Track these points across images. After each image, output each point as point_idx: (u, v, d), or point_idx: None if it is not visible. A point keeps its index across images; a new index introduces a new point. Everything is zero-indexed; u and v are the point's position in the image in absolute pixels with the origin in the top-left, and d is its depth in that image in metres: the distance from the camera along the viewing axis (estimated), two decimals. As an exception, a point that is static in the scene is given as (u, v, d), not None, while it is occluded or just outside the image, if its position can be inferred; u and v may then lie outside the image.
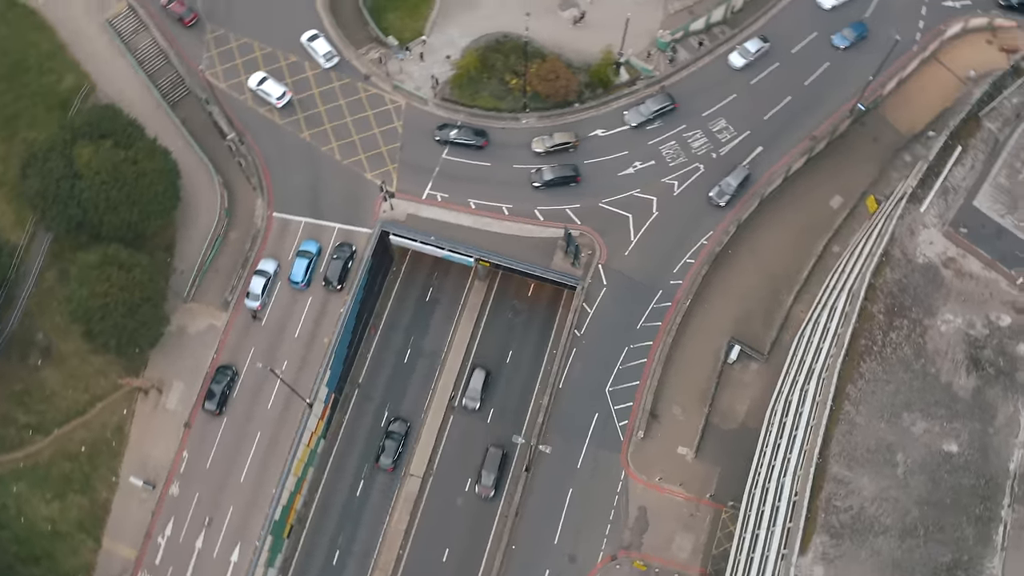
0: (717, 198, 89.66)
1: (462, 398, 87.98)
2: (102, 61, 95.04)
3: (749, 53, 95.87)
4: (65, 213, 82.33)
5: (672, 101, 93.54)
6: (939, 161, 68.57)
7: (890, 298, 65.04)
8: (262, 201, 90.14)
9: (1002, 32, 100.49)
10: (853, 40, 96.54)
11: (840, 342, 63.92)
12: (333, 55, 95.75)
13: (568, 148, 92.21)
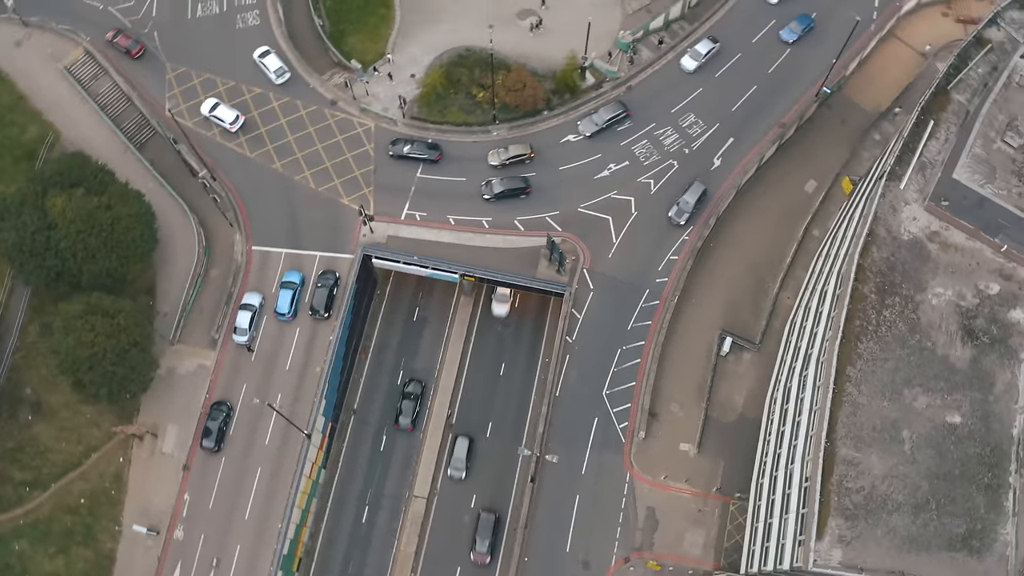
0: (676, 217, 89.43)
1: (447, 468, 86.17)
2: (64, 109, 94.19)
3: (700, 55, 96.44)
4: (43, 265, 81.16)
5: (625, 109, 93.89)
6: (914, 137, 69.31)
7: (880, 277, 65.64)
8: (240, 236, 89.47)
9: (956, 3, 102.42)
10: (800, 33, 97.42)
11: (835, 325, 64.38)
12: (284, 71, 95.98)
13: (524, 159, 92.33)
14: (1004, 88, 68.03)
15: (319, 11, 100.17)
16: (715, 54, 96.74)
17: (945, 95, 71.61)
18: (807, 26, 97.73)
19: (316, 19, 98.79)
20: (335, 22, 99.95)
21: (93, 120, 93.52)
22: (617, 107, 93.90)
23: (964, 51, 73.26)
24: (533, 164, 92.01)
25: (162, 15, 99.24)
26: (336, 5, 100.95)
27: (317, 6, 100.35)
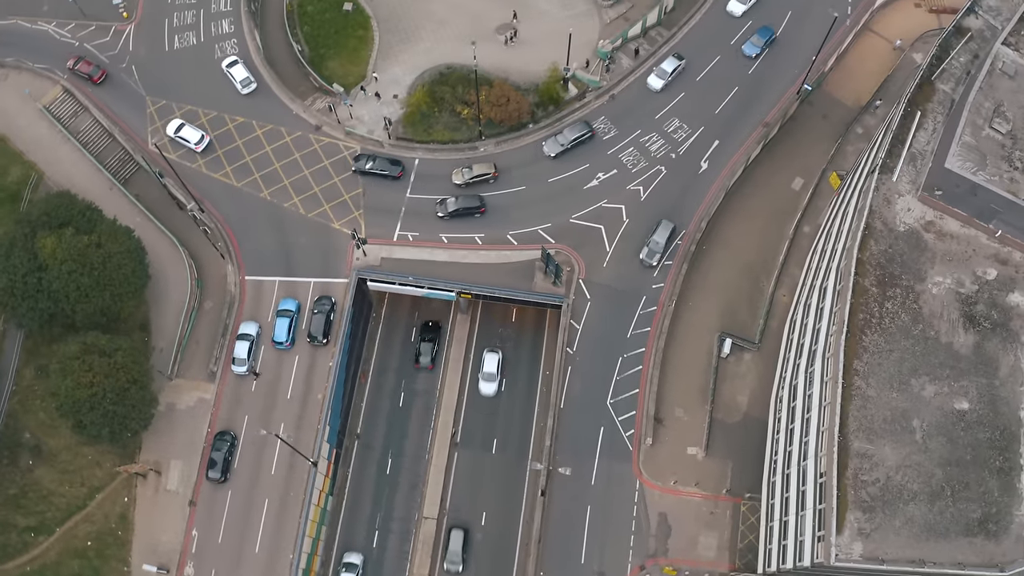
0: (648, 259, 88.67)
1: (443, 562, 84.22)
2: (46, 149, 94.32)
3: (666, 74, 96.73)
4: (36, 308, 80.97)
5: (590, 129, 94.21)
6: (902, 129, 70.37)
7: (879, 269, 66.53)
8: (232, 267, 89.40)
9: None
10: (762, 47, 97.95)
11: (839, 319, 65.12)
12: (250, 81, 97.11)
13: (487, 179, 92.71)
14: (988, 75, 69.21)
15: (297, 37, 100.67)
16: (682, 71, 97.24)
17: (930, 85, 72.81)
18: (769, 38, 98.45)
19: (295, 45, 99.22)
20: (314, 47, 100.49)
21: (76, 158, 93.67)
22: (582, 127, 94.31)
23: (945, 41, 74.47)
24: (523, 178, 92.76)
25: (139, 49, 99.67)
26: (314, 30, 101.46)
27: (295, 32, 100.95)
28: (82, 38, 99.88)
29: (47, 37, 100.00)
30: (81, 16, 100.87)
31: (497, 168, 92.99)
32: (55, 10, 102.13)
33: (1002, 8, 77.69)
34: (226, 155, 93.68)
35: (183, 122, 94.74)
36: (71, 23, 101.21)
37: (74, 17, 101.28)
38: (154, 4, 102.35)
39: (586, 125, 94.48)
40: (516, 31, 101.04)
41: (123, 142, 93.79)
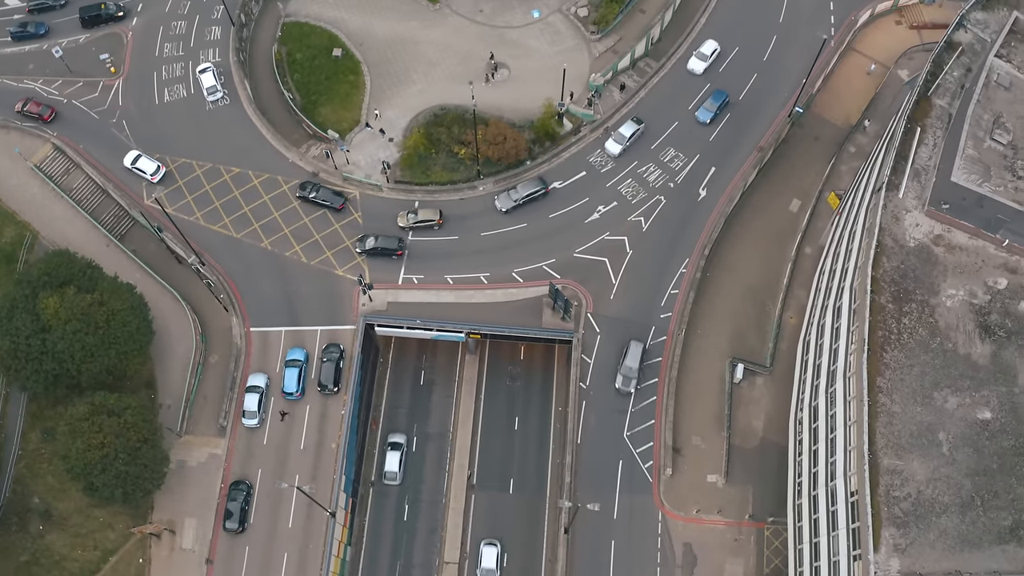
0: (624, 386, 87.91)
1: None
2: (39, 207, 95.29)
3: (624, 139, 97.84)
4: (40, 370, 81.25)
5: (544, 186, 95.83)
6: (904, 146, 73.43)
7: (894, 286, 69.11)
8: (237, 319, 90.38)
9: (907, 11, 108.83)
10: (716, 111, 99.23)
11: (859, 337, 67.45)
12: (216, 89, 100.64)
13: (432, 225, 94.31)
14: (985, 88, 72.68)
15: (287, 85, 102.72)
16: (639, 136, 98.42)
17: (927, 101, 76.08)
18: (723, 102, 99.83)
19: (286, 93, 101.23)
20: (305, 94, 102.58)
21: (70, 216, 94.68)
22: (537, 183, 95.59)
23: (938, 56, 77.96)
24: (524, 215, 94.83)
25: (128, 103, 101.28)
26: (304, 77, 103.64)
27: (285, 80, 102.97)
28: (70, 95, 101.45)
29: (34, 95, 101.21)
30: (68, 73, 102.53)
31: (443, 216, 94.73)
32: (41, 68, 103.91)
33: (989, 21, 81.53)
34: (224, 207, 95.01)
35: (139, 153, 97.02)
36: (58, 80, 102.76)
37: (61, 74, 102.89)
38: (142, 58, 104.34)
39: (540, 181, 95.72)
40: (496, 69, 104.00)
41: (117, 198, 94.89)
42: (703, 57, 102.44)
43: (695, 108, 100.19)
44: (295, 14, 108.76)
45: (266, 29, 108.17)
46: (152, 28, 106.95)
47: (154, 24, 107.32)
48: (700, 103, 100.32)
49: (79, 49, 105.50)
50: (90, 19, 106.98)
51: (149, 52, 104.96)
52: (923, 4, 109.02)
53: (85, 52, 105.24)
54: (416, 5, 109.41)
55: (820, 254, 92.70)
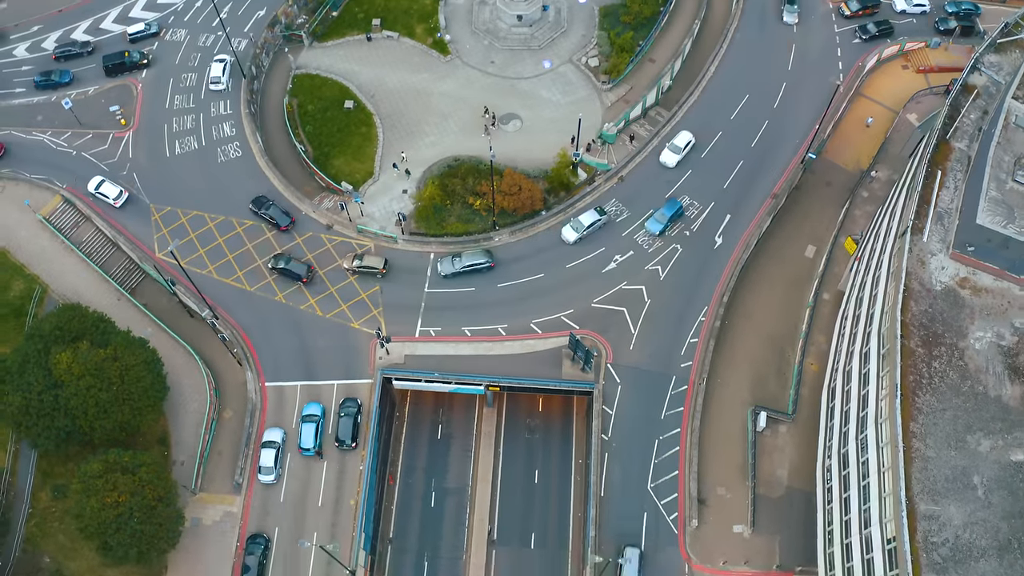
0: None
1: None
2: (48, 261, 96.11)
3: (582, 226, 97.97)
4: (53, 426, 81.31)
5: (490, 259, 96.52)
6: (926, 189, 76.05)
7: (922, 330, 71.02)
8: (251, 373, 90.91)
9: (913, 55, 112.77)
10: (666, 223, 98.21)
11: (891, 382, 69.18)
12: (219, 80, 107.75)
13: (375, 273, 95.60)
14: (1004, 130, 75.68)
15: (299, 137, 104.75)
16: (601, 224, 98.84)
17: (946, 144, 78.78)
18: (675, 212, 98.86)
19: (298, 145, 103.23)
20: (317, 146, 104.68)
21: (80, 269, 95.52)
22: (482, 255, 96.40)
23: (954, 100, 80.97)
24: (541, 266, 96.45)
25: (139, 156, 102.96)
26: (316, 129, 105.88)
27: (297, 132, 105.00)
28: (79, 147, 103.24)
29: (43, 147, 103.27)
30: (77, 125, 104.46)
31: (388, 265, 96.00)
32: (50, 120, 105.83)
33: (1003, 63, 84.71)
34: (237, 259, 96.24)
35: (104, 179, 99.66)
36: (67, 132, 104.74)
37: (70, 126, 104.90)
38: (153, 110, 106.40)
39: (487, 254, 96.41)
40: (494, 121, 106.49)
41: (128, 251, 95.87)
42: (676, 150, 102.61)
43: (647, 218, 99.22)
44: (306, 66, 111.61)
45: (277, 81, 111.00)
46: (162, 80, 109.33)
47: (164, 76, 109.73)
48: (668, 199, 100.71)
49: (89, 101, 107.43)
50: (113, 67, 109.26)
51: (159, 104, 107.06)
52: (929, 48, 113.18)
53: (95, 104, 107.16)
54: (427, 57, 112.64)
55: (838, 300, 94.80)
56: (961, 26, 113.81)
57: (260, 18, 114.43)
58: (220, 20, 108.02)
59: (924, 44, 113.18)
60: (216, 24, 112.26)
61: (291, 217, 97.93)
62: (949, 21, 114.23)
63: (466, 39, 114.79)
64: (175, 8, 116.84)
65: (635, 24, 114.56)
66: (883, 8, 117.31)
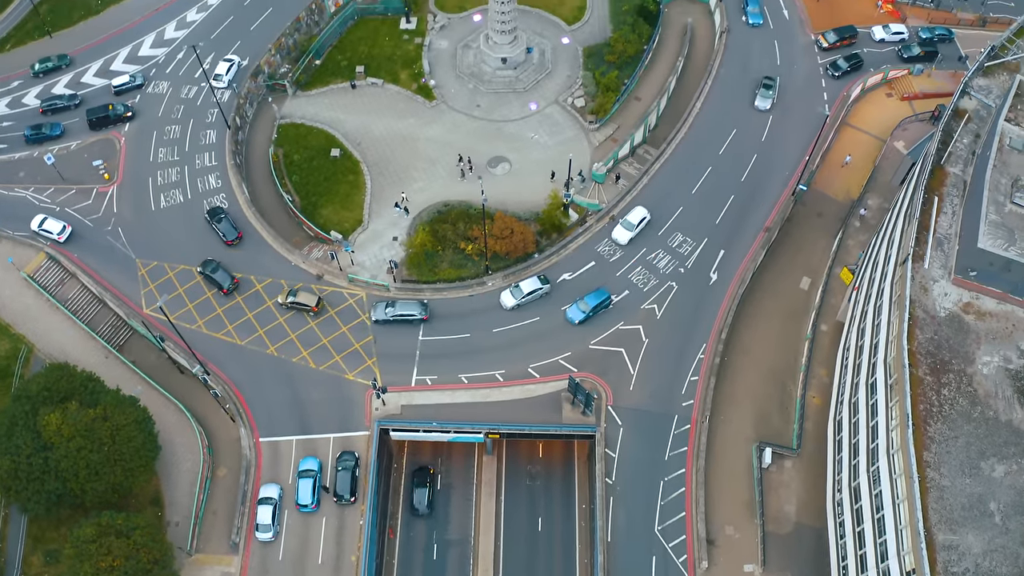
0: None
1: None
2: (34, 319, 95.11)
3: (521, 293, 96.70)
4: (43, 490, 79.74)
5: (424, 311, 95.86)
6: (924, 215, 76.65)
7: (929, 358, 71.26)
8: (245, 429, 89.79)
9: (897, 83, 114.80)
10: (589, 312, 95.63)
11: (901, 413, 69.25)
12: (221, 78, 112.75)
13: (307, 311, 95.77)
14: (999, 152, 76.66)
15: (286, 187, 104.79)
16: (542, 295, 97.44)
17: (940, 170, 79.72)
18: (601, 302, 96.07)
19: (285, 195, 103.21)
20: (305, 196, 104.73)
21: (66, 327, 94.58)
22: (416, 307, 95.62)
23: (946, 125, 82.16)
24: (537, 309, 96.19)
25: (124, 210, 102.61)
26: (303, 179, 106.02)
27: (284, 182, 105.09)
28: (62, 202, 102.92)
29: (26, 204, 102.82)
30: (60, 180, 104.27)
31: (321, 303, 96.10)
32: (32, 176, 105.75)
33: (991, 87, 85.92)
34: (227, 313, 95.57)
35: (46, 216, 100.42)
36: (50, 188, 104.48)
37: (53, 182, 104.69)
38: (136, 164, 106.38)
39: (421, 306, 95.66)
40: (471, 167, 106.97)
41: (115, 307, 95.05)
42: (629, 227, 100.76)
43: (568, 305, 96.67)
44: (290, 115, 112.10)
45: (262, 131, 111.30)
46: (146, 133, 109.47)
47: (147, 129, 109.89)
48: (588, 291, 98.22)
49: (71, 155, 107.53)
50: (97, 121, 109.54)
51: (143, 158, 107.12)
52: (912, 75, 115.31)
53: (77, 158, 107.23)
54: (412, 103, 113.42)
55: (837, 331, 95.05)
56: (924, 51, 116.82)
57: (243, 68, 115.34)
58: (203, 71, 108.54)
59: (907, 72, 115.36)
60: (199, 75, 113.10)
61: (234, 277, 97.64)
62: (912, 48, 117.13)
63: (451, 83, 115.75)
64: (156, 61, 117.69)
65: (619, 63, 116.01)
66: (861, 38, 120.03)
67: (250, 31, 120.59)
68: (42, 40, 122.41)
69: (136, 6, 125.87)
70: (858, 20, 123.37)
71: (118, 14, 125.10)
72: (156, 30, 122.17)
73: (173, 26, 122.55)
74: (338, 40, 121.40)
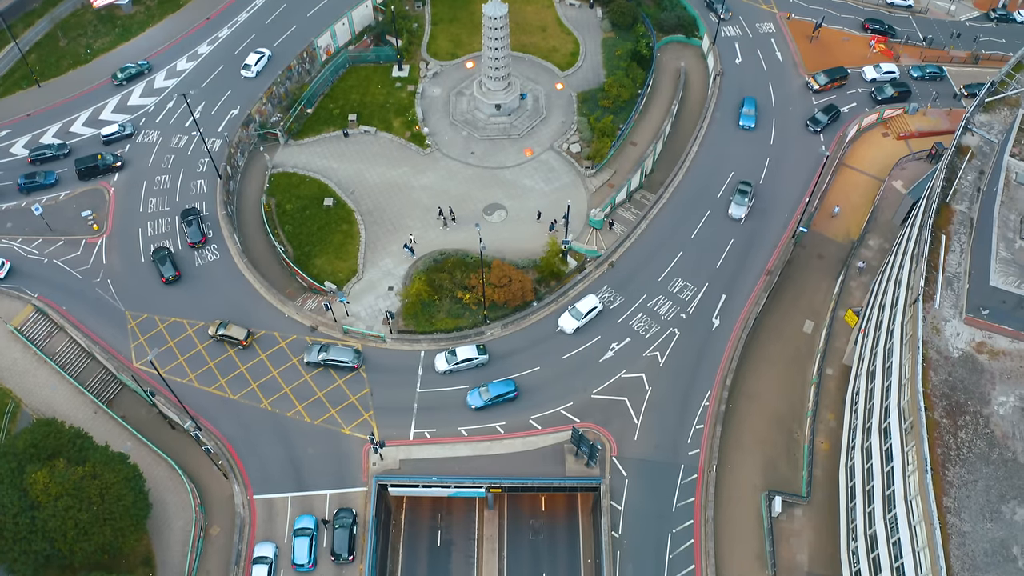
0: None
1: None
2: (21, 373, 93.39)
3: (455, 359, 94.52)
4: (30, 551, 77.41)
5: (356, 359, 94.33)
6: (933, 255, 76.40)
7: (945, 400, 70.47)
8: (239, 487, 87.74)
9: (892, 122, 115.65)
10: (488, 401, 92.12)
11: (918, 457, 68.24)
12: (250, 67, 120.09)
13: (236, 344, 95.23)
14: (1006, 188, 76.59)
15: (279, 237, 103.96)
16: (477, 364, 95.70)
17: (947, 207, 79.74)
18: (506, 393, 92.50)
19: (277, 245, 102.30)
20: (298, 246, 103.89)
21: (54, 381, 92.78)
22: (350, 353, 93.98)
23: (951, 162, 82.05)
24: (536, 358, 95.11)
25: (113, 262, 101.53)
26: (296, 229, 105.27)
27: (276, 232, 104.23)
28: (50, 254, 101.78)
29: (13, 255, 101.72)
30: (48, 231, 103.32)
31: (251, 337, 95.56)
32: (20, 227, 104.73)
33: (993, 122, 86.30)
34: (219, 367, 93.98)
35: None
36: (37, 239, 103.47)
37: (40, 233, 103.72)
38: (125, 214, 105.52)
39: (354, 354, 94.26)
40: (453, 216, 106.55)
41: (104, 361, 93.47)
42: (577, 316, 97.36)
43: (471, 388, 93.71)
44: (282, 164, 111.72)
45: (253, 181, 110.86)
46: (135, 183, 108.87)
47: (137, 179, 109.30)
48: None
49: (60, 206, 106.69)
50: (86, 171, 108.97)
51: (133, 208, 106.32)
52: (907, 114, 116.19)
53: (66, 209, 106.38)
54: (406, 151, 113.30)
55: (843, 374, 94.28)
56: (898, 92, 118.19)
57: (234, 117, 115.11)
58: (194, 120, 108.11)
59: (902, 111, 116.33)
60: (189, 124, 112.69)
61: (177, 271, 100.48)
62: (885, 89, 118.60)
63: (445, 131, 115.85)
64: (146, 110, 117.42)
65: (614, 108, 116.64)
66: (852, 78, 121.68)
67: (241, 80, 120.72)
68: (30, 89, 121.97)
69: (125, 55, 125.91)
70: (851, 60, 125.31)
71: (107, 63, 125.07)
72: (146, 79, 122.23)
73: (163, 75, 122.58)
74: (330, 88, 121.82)
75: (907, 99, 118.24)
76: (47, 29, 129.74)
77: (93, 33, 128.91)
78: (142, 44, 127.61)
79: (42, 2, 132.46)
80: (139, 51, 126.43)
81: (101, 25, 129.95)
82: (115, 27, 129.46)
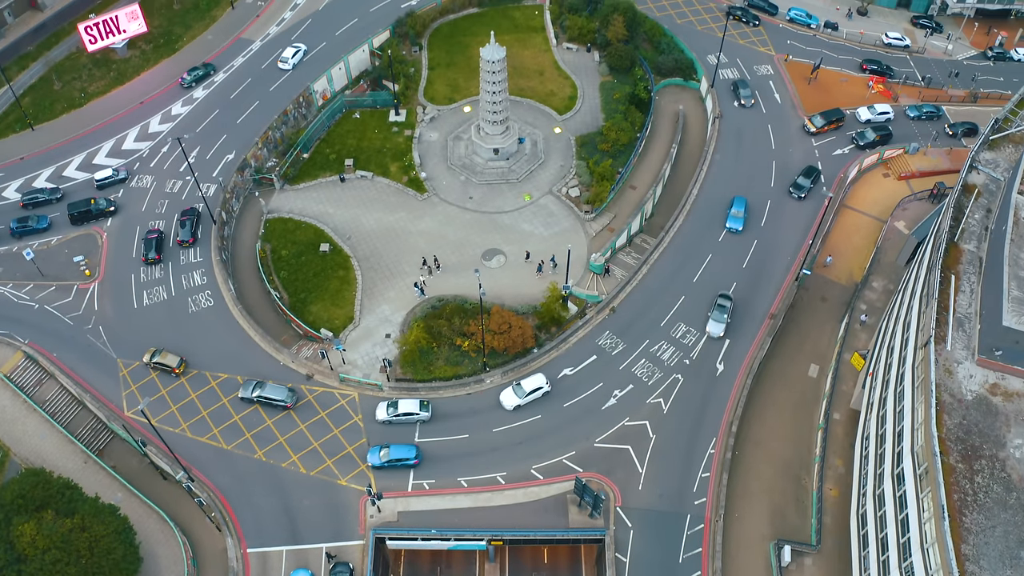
0: None
1: None
2: (9, 422, 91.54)
3: (392, 413, 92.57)
4: (16, 607, 76.09)
5: (291, 398, 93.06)
6: (943, 295, 75.61)
7: (960, 444, 69.23)
8: (232, 540, 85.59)
9: (893, 163, 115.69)
10: (384, 463, 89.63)
11: (934, 504, 66.99)
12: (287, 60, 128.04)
13: (170, 372, 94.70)
14: (1016, 226, 76.10)
15: (274, 284, 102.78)
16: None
17: (955, 247, 79.19)
18: (405, 458, 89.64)
19: (272, 292, 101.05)
20: (293, 292, 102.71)
21: (44, 430, 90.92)
22: (283, 391, 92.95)
23: (957, 201, 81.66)
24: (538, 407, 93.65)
25: (105, 308, 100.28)
26: (291, 275, 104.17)
27: (271, 279, 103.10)
28: (41, 299, 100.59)
29: (4, 300, 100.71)
30: (39, 276, 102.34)
31: (183, 364, 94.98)
32: (10, 272, 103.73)
33: (999, 160, 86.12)
34: (212, 416, 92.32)
35: None
36: (28, 284, 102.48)
37: (31, 278, 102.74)
38: (118, 260, 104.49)
39: (290, 393, 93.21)
40: (438, 266, 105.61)
41: (95, 410, 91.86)
42: (520, 393, 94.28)
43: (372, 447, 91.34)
44: (278, 210, 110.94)
45: (248, 227, 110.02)
46: (128, 228, 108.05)
47: (130, 224, 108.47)
48: None
49: (51, 251, 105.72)
50: (79, 215, 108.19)
51: (126, 254, 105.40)
52: (908, 154, 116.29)
53: (58, 254, 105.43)
54: (403, 196, 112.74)
55: (851, 419, 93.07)
56: (879, 135, 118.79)
57: (229, 162, 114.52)
58: (188, 164, 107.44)
59: (902, 151, 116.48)
60: (184, 169, 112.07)
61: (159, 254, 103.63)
62: (866, 135, 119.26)
63: (442, 175, 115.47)
64: (140, 154, 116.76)
65: (612, 152, 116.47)
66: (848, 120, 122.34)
67: (236, 124, 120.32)
68: (24, 132, 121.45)
69: (120, 99, 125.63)
70: (850, 101, 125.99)
71: (101, 107, 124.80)
72: (140, 123, 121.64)
73: (158, 119, 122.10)
74: (326, 133, 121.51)
75: (887, 143, 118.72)
76: (41, 72, 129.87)
77: (88, 77, 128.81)
78: (137, 88, 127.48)
79: (37, 45, 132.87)
80: (134, 95, 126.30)
81: (96, 69, 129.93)
82: (110, 71, 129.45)
